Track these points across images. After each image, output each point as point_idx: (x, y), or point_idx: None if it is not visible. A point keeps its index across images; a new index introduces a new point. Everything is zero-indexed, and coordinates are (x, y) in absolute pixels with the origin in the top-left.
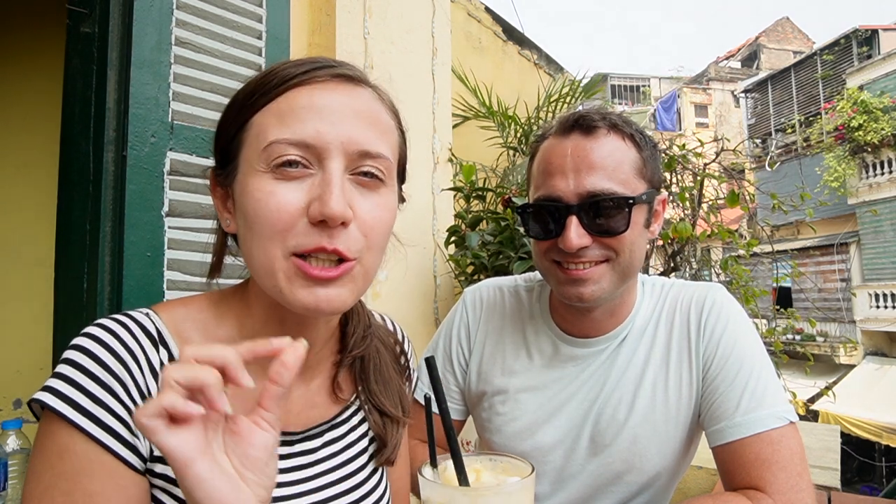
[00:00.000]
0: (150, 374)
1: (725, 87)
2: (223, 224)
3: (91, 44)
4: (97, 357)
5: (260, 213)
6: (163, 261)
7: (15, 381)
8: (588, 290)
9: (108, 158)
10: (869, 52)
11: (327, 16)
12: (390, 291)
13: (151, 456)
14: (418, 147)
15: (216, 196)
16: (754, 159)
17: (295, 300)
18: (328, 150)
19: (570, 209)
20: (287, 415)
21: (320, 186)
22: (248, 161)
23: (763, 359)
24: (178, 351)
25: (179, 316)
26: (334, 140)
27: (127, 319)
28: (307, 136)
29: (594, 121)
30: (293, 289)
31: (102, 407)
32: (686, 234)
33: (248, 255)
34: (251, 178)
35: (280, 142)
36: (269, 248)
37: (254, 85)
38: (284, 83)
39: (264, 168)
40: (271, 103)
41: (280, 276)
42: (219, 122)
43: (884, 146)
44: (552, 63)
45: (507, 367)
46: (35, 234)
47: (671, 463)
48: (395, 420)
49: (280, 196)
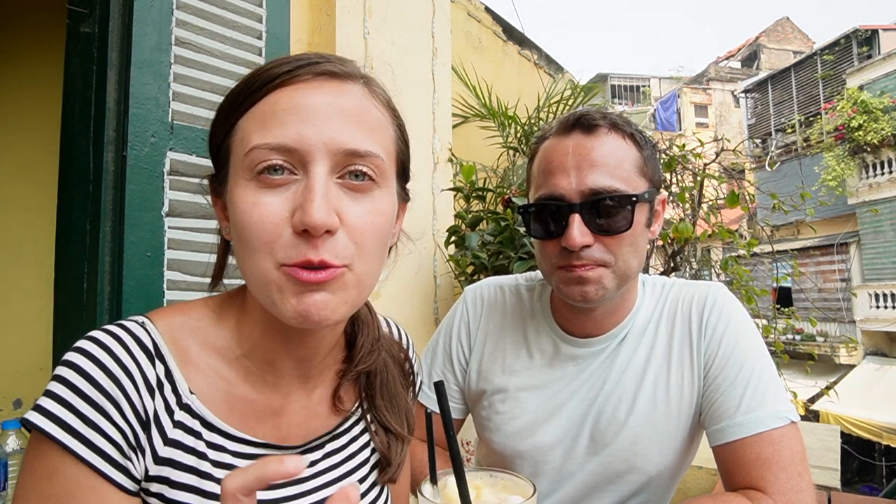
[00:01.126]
0: (146, 392)
1: (725, 87)
2: (223, 232)
3: (91, 44)
4: (89, 375)
5: (245, 224)
6: (163, 261)
7: (15, 381)
8: (592, 290)
9: (108, 158)
10: (869, 52)
11: (327, 16)
12: (390, 291)
13: (146, 476)
14: (418, 147)
15: (216, 205)
16: (754, 159)
17: (286, 310)
18: (311, 153)
19: (573, 207)
20: (288, 427)
21: (303, 194)
22: (234, 169)
23: (764, 358)
24: (175, 364)
25: (177, 324)
26: (317, 142)
27: (122, 332)
28: (288, 139)
29: (595, 119)
30: (284, 299)
31: (94, 429)
32: (686, 234)
33: (242, 267)
34: (237, 187)
35: (261, 147)
36: (259, 261)
37: (239, 88)
38: (267, 85)
39: (248, 176)
40: (254, 107)
41: (272, 287)
42: (210, 127)
43: (884, 146)
44: (552, 63)
45: (508, 366)
46: (35, 234)
47: (672, 462)
48: (399, 438)
49: (263, 207)
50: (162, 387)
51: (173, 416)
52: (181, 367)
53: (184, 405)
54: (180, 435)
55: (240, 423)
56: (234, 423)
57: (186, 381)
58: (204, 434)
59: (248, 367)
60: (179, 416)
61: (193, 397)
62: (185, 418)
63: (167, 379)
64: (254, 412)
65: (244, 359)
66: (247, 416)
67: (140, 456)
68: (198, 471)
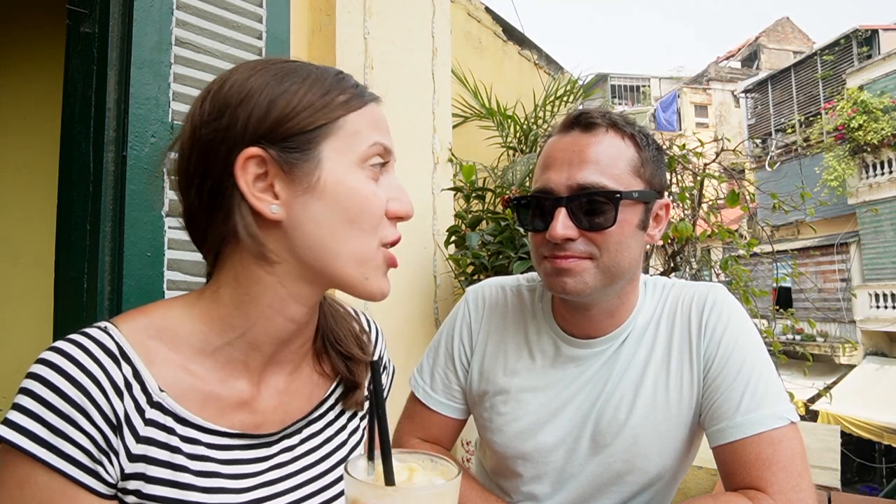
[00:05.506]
0: (114, 395)
1: (725, 87)
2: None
3: (91, 44)
4: (54, 386)
5: (365, 208)
6: (163, 261)
7: (15, 381)
8: (571, 282)
9: (108, 158)
10: (869, 52)
11: (327, 16)
12: (390, 291)
13: (123, 475)
14: (418, 147)
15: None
16: (754, 159)
17: (377, 288)
18: (392, 154)
19: (560, 201)
20: (263, 414)
21: (396, 188)
22: (337, 153)
23: (764, 358)
24: (142, 364)
25: (140, 325)
26: (392, 148)
27: (84, 339)
28: (387, 143)
29: (594, 118)
30: (379, 277)
31: (62, 437)
32: (686, 234)
33: (330, 246)
34: (351, 173)
35: (379, 143)
36: (369, 240)
37: (341, 88)
38: (368, 95)
39: (360, 164)
40: (363, 108)
41: (371, 265)
42: (290, 105)
43: (884, 146)
44: (552, 63)
45: (510, 367)
46: (35, 234)
47: (672, 463)
48: (359, 361)
49: (379, 194)
50: (130, 387)
51: (144, 414)
52: (148, 367)
53: (155, 403)
54: (153, 432)
55: (213, 415)
56: (207, 415)
57: (155, 380)
58: (177, 429)
59: (229, 354)
60: (151, 413)
61: (164, 395)
62: (157, 416)
63: (135, 379)
64: (227, 403)
65: (227, 347)
66: (220, 407)
67: (113, 458)
68: (172, 464)
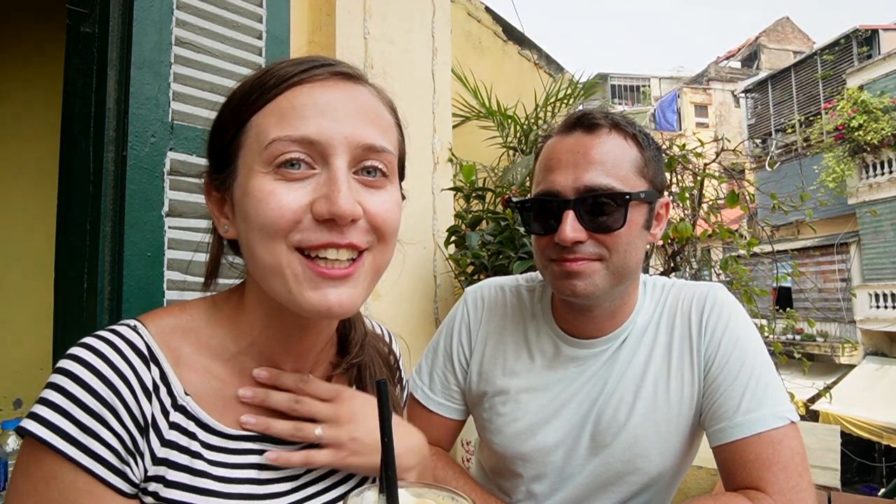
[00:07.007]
0: (143, 396)
1: (725, 87)
2: (220, 230)
3: (91, 44)
4: (85, 383)
5: (261, 212)
6: (163, 261)
7: (15, 381)
8: (581, 285)
9: (108, 158)
10: (869, 52)
11: (327, 16)
12: (390, 291)
13: (145, 476)
14: (418, 147)
15: (211, 201)
16: (754, 159)
17: (305, 302)
18: (332, 146)
19: (567, 203)
20: None
21: (326, 185)
22: (247, 163)
23: (764, 358)
24: (169, 366)
25: (168, 326)
26: (338, 136)
27: (115, 338)
28: (310, 132)
29: (596, 119)
30: (302, 290)
31: (92, 436)
32: (686, 234)
33: (252, 259)
34: (252, 179)
35: (282, 139)
36: (273, 246)
37: (250, 85)
38: (284, 82)
39: (265, 169)
40: (270, 103)
41: (288, 274)
42: (213, 125)
43: (884, 146)
44: (552, 63)
45: (509, 368)
46: (35, 235)
47: (672, 463)
48: None
49: (281, 196)
50: (158, 390)
51: (168, 417)
52: (175, 369)
53: (179, 406)
54: (175, 436)
55: (234, 420)
56: (228, 421)
57: (181, 383)
58: (199, 434)
59: (243, 364)
60: (175, 417)
61: (189, 399)
62: (181, 419)
63: (162, 382)
64: (248, 408)
65: (241, 356)
66: (241, 412)
67: (139, 459)
68: (192, 469)
